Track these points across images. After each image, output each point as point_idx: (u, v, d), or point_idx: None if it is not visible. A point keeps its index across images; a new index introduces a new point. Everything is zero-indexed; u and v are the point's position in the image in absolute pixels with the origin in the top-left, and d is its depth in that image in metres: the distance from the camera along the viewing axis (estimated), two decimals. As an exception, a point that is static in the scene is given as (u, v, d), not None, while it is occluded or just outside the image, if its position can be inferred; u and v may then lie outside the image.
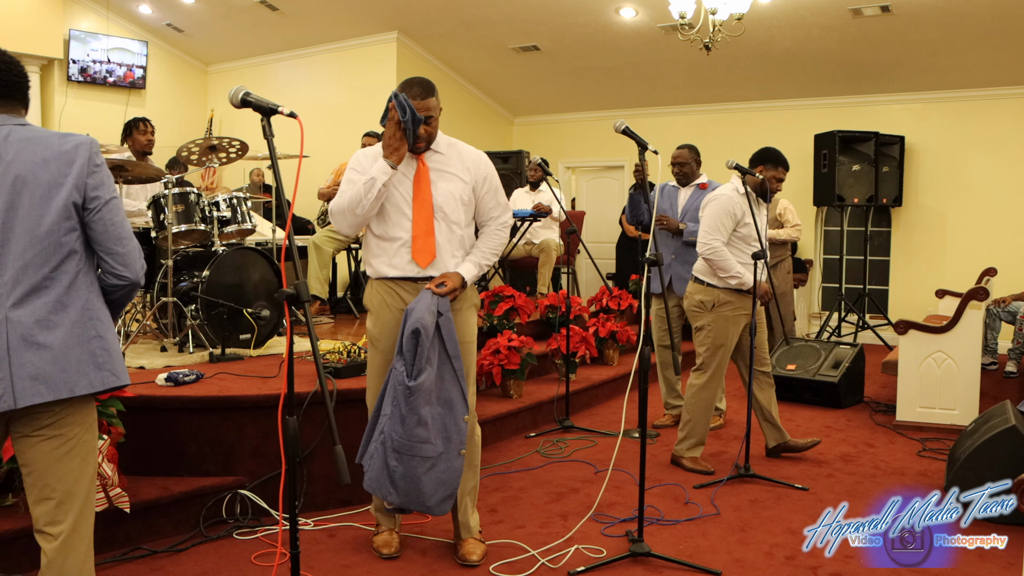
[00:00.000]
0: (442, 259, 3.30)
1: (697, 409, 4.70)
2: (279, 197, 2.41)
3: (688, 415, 4.72)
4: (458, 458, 3.21)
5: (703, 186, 5.47)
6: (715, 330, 4.61)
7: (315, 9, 9.73)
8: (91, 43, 10.61)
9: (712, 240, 4.53)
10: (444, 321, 3.18)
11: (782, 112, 10.32)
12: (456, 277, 3.27)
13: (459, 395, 3.21)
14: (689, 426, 4.72)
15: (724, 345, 4.62)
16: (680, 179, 5.55)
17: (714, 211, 4.58)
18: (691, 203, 5.48)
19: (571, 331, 5.99)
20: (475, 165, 3.36)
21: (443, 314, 3.18)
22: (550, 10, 8.92)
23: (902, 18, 7.93)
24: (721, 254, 4.51)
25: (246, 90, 2.45)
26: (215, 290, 4.84)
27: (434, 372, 3.15)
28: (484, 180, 3.36)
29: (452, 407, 3.20)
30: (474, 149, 3.43)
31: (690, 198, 5.51)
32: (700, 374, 4.70)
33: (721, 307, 4.59)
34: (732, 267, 4.51)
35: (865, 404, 6.45)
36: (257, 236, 6.74)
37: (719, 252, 4.51)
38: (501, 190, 3.44)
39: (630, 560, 3.40)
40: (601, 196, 11.98)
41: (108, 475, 3.22)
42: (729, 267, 4.51)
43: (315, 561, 3.37)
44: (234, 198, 5.24)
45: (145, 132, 5.72)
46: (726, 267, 4.51)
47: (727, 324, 4.60)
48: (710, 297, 4.62)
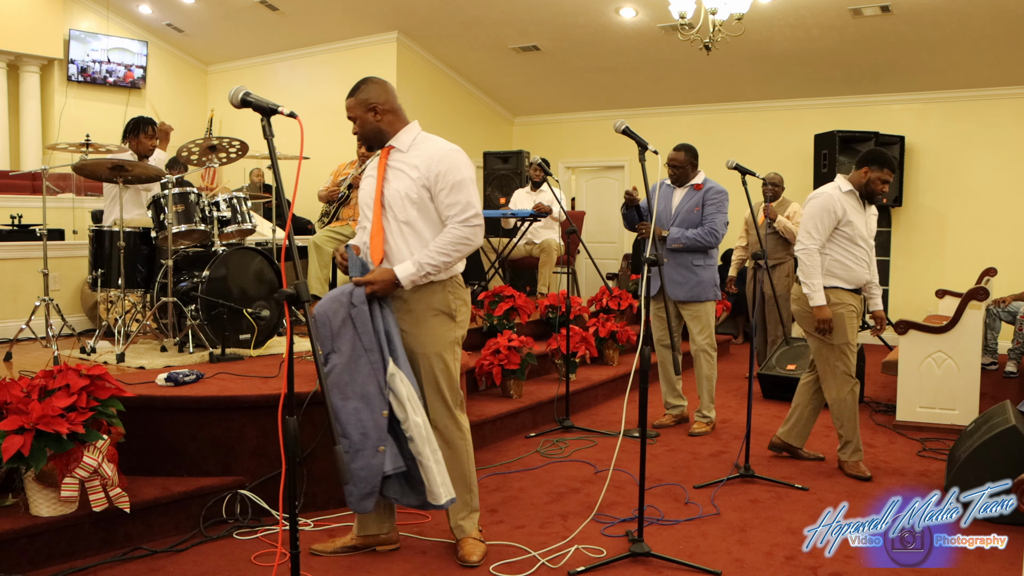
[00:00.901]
0: (394, 258, 3.22)
1: (847, 414, 4.63)
2: (279, 197, 2.41)
3: (837, 422, 4.68)
4: (376, 455, 3.06)
5: (697, 187, 5.41)
6: (837, 329, 4.50)
7: (315, 9, 9.73)
8: (91, 43, 10.61)
9: (808, 240, 4.44)
10: (357, 313, 3.09)
11: (782, 112, 10.33)
12: (384, 273, 3.14)
13: (376, 390, 3.08)
14: (845, 431, 4.67)
15: (842, 343, 4.51)
16: (674, 180, 5.48)
17: (812, 210, 4.49)
18: (684, 203, 5.42)
19: (571, 331, 5.99)
20: (427, 162, 3.20)
21: (356, 306, 3.10)
22: (550, 10, 8.92)
23: (902, 18, 7.93)
24: (812, 257, 4.41)
25: (246, 90, 2.45)
26: (215, 290, 4.84)
27: (343, 362, 3.09)
28: (437, 177, 3.18)
29: (369, 401, 3.08)
30: (442, 146, 3.27)
31: (684, 198, 5.45)
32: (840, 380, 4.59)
33: (837, 306, 4.49)
34: (814, 276, 4.41)
35: (865, 404, 6.44)
36: (257, 236, 6.74)
37: (811, 255, 4.42)
38: (463, 188, 3.20)
39: (630, 560, 3.40)
40: (601, 196, 11.98)
41: (108, 475, 3.22)
42: (812, 274, 4.41)
43: (315, 561, 3.37)
44: (234, 198, 5.24)
45: (152, 137, 5.68)
46: (810, 272, 4.42)
47: (844, 323, 4.49)
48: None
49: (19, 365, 4.63)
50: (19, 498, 3.29)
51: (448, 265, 3.18)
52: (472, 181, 3.24)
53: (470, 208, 3.18)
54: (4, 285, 5.82)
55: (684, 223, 5.37)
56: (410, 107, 11.20)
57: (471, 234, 3.18)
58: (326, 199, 6.84)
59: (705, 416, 5.58)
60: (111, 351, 4.78)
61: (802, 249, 4.46)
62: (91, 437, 3.21)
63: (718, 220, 5.34)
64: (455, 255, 3.17)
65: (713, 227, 5.31)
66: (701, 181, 5.44)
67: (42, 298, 4.91)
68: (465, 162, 3.25)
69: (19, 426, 3.09)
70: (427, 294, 3.24)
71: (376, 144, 3.33)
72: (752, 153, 9.92)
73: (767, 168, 8.01)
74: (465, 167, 3.23)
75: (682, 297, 5.41)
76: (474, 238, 3.19)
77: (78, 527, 3.30)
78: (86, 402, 3.27)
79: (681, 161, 5.41)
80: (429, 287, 3.24)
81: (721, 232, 5.35)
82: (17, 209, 7.48)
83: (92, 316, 6.20)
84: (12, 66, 10.60)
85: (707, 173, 5.56)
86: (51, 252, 5.14)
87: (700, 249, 5.35)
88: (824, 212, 4.45)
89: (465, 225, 3.17)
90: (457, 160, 3.22)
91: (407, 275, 3.14)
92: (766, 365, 6.70)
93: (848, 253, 4.49)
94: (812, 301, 4.42)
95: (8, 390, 3.22)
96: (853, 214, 4.47)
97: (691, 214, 5.37)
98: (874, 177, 4.51)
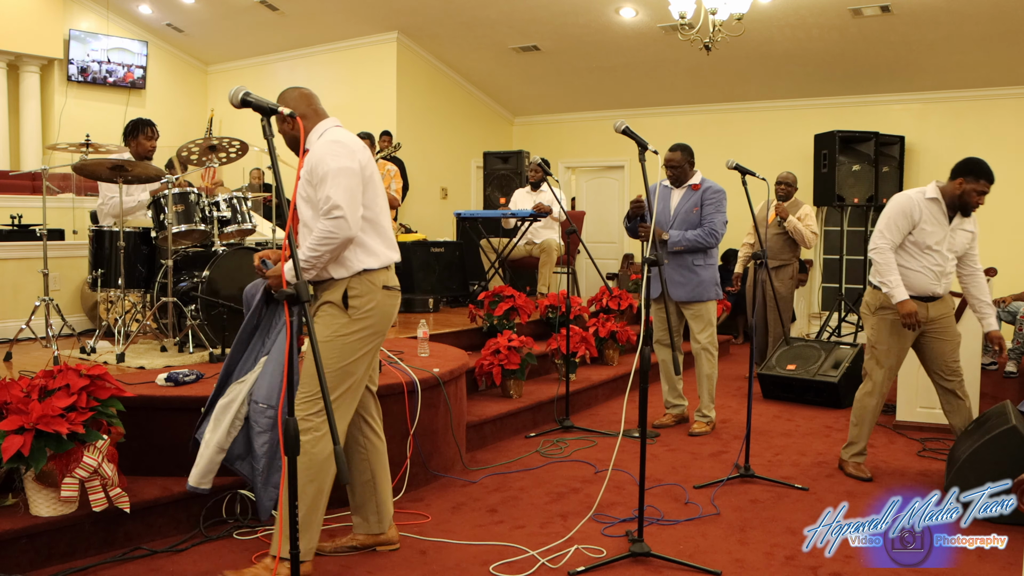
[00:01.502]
0: None
1: (859, 416, 4.63)
2: (279, 197, 2.41)
3: (853, 419, 4.67)
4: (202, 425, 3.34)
5: (695, 187, 5.39)
6: (875, 333, 4.51)
7: (315, 9, 9.73)
8: (91, 43, 10.61)
9: (880, 240, 4.36)
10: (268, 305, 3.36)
11: (782, 112, 10.34)
12: (277, 270, 3.13)
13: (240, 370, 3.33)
14: (853, 431, 4.67)
15: (881, 348, 4.48)
16: (673, 180, 5.46)
17: (890, 210, 4.39)
18: (683, 204, 5.41)
19: (571, 331, 5.98)
20: (310, 158, 3.13)
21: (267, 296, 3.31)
22: (550, 10, 8.92)
23: (902, 18, 7.94)
24: (884, 256, 4.34)
25: (246, 90, 2.45)
26: (215, 290, 4.84)
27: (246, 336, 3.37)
28: (312, 172, 3.10)
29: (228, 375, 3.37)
30: (328, 136, 3.20)
31: (682, 199, 5.42)
32: (864, 381, 4.62)
33: (882, 310, 4.46)
34: (889, 273, 4.32)
35: (865, 404, 6.45)
36: (257, 236, 6.73)
37: (885, 253, 4.34)
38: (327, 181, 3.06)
39: (630, 560, 3.40)
40: (601, 196, 11.99)
41: (108, 475, 3.22)
42: (886, 272, 4.33)
43: (315, 560, 3.37)
44: (234, 198, 5.24)
45: (151, 138, 5.69)
46: (883, 271, 4.34)
47: (887, 328, 4.46)
48: (874, 300, 4.50)
49: (19, 365, 4.63)
50: (19, 498, 3.29)
51: (319, 260, 3.08)
52: (343, 172, 3.09)
53: (329, 201, 3.05)
54: (4, 285, 5.82)
55: (683, 224, 5.36)
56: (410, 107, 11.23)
57: (333, 227, 3.04)
58: None
59: (705, 416, 5.58)
60: (111, 351, 4.78)
61: (874, 249, 4.38)
62: (91, 437, 3.21)
63: (717, 220, 5.32)
64: (323, 250, 3.06)
65: (713, 227, 5.30)
66: (699, 181, 5.42)
67: (42, 298, 4.91)
68: (335, 153, 3.12)
69: (19, 426, 3.09)
70: (327, 290, 3.21)
71: (296, 150, 3.24)
72: (752, 153, 9.92)
73: (767, 168, 7.97)
74: (333, 158, 3.10)
75: (683, 297, 5.40)
76: (337, 231, 3.04)
77: (78, 527, 3.30)
78: (86, 402, 3.27)
79: (678, 161, 5.39)
80: (331, 283, 3.20)
81: (721, 232, 5.34)
82: (17, 209, 7.48)
83: (92, 316, 6.19)
84: (12, 66, 10.60)
85: (707, 173, 5.55)
86: (51, 252, 5.14)
87: (701, 249, 5.35)
88: (900, 214, 4.34)
89: (327, 218, 3.05)
90: (326, 151, 3.12)
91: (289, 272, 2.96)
92: (766, 365, 6.70)
93: (914, 260, 4.38)
94: (893, 299, 4.31)
95: (8, 390, 3.22)
96: (931, 223, 4.34)
97: (690, 214, 5.36)
98: (969, 189, 4.38)
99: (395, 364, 4.52)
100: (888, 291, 4.33)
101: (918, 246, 4.36)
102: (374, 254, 3.24)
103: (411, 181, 10.04)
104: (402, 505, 4.04)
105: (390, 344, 5.20)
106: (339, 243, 3.07)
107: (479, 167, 10.94)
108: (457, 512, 3.99)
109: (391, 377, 4.25)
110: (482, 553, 3.49)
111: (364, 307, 3.20)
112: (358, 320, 3.19)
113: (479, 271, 8.39)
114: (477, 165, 11.28)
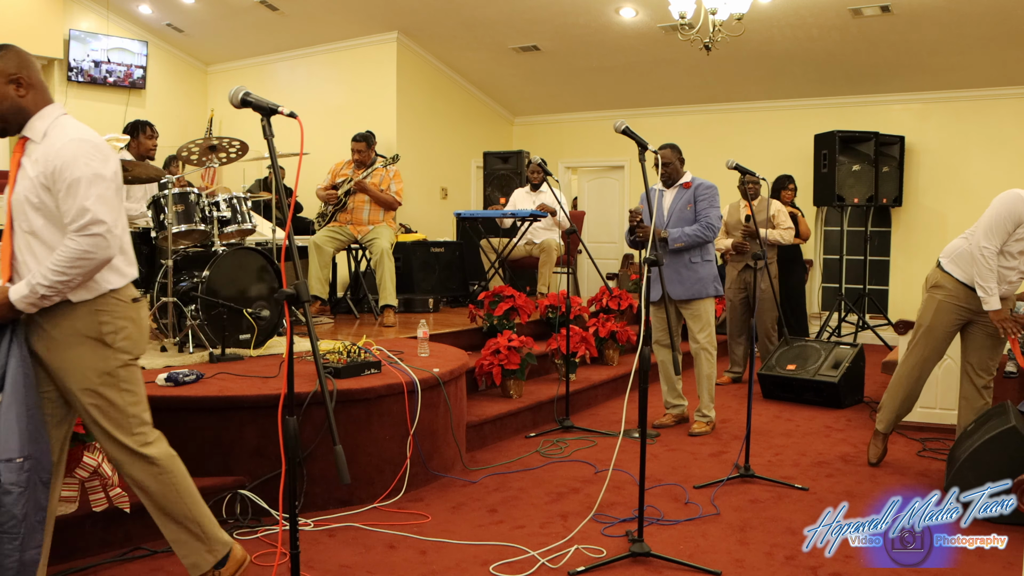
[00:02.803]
0: (21, 275, 2.63)
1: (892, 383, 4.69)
2: (279, 196, 2.41)
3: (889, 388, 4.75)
4: None
5: (687, 185, 5.41)
6: (922, 308, 4.55)
7: (315, 9, 9.73)
8: (91, 43, 10.60)
9: (989, 244, 4.19)
10: None
11: (782, 112, 10.33)
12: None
13: None
14: (883, 398, 4.77)
15: (924, 325, 4.51)
16: (665, 180, 5.46)
17: (998, 211, 4.20)
18: (676, 203, 5.43)
19: (571, 331, 5.98)
20: (46, 155, 2.57)
21: None
22: (550, 10, 8.92)
23: (902, 18, 7.93)
24: (992, 262, 4.19)
25: (246, 90, 2.44)
26: (215, 290, 4.84)
27: None
28: (53, 174, 2.55)
29: None
30: (69, 134, 2.62)
31: (675, 198, 5.44)
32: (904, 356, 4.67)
33: (935, 289, 4.48)
34: (990, 278, 4.19)
35: (865, 404, 6.45)
36: (257, 236, 6.74)
37: (991, 259, 4.19)
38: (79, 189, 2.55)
39: (630, 560, 3.40)
40: (602, 196, 11.99)
41: (108, 475, 3.22)
42: (988, 276, 4.19)
43: (315, 561, 3.37)
44: (234, 198, 5.24)
45: (152, 137, 5.76)
46: (986, 275, 4.19)
47: (934, 306, 4.47)
48: (933, 277, 4.54)
49: (19, 365, 4.63)
50: (19, 498, 3.29)
51: (67, 285, 2.56)
52: (99, 179, 2.60)
53: (85, 214, 2.53)
54: (4, 285, 5.81)
55: (679, 222, 5.38)
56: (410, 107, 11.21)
57: (91, 246, 2.54)
58: (322, 199, 6.86)
59: (705, 415, 5.57)
60: (111, 351, 4.77)
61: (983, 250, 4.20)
62: (91, 437, 3.21)
63: (712, 214, 5.35)
64: (73, 272, 2.54)
65: (709, 221, 5.33)
66: (689, 179, 5.44)
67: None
68: (88, 154, 2.59)
69: (19, 426, 3.09)
70: (67, 318, 2.65)
71: (13, 128, 2.68)
72: (752, 153, 9.91)
73: (767, 168, 8.01)
74: (85, 161, 2.57)
75: (682, 295, 5.40)
76: (96, 251, 2.55)
77: (78, 527, 3.30)
78: (86, 402, 3.26)
79: (669, 158, 5.38)
80: (70, 309, 2.65)
81: (717, 225, 5.38)
82: (17, 209, 7.46)
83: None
84: (12, 66, 10.58)
85: (706, 173, 5.56)
86: (51, 252, 5.13)
87: (698, 244, 5.36)
88: (1009, 217, 4.18)
89: (82, 235, 2.53)
90: (76, 152, 2.58)
91: (20, 298, 2.54)
92: (766, 365, 6.70)
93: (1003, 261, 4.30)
94: (988, 306, 4.22)
95: (8, 390, 3.22)
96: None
97: (684, 212, 5.38)
98: None
99: (395, 364, 4.52)
100: (984, 296, 4.24)
101: (1010, 251, 4.26)
102: (120, 272, 2.75)
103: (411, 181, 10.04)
104: (402, 505, 4.05)
105: (390, 344, 5.21)
106: (95, 265, 2.58)
107: (479, 167, 10.93)
108: (457, 512, 3.99)
109: (391, 377, 4.26)
110: (482, 553, 3.49)
111: (124, 336, 2.74)
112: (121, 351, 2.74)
113: (479, 271, 8.39)
114: (477, 165, 11.27)
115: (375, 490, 4.10)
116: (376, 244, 6.53)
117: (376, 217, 6.72)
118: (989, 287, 4.21)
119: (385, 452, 4.14)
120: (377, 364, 4.39)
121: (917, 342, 4.60)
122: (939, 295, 4.48)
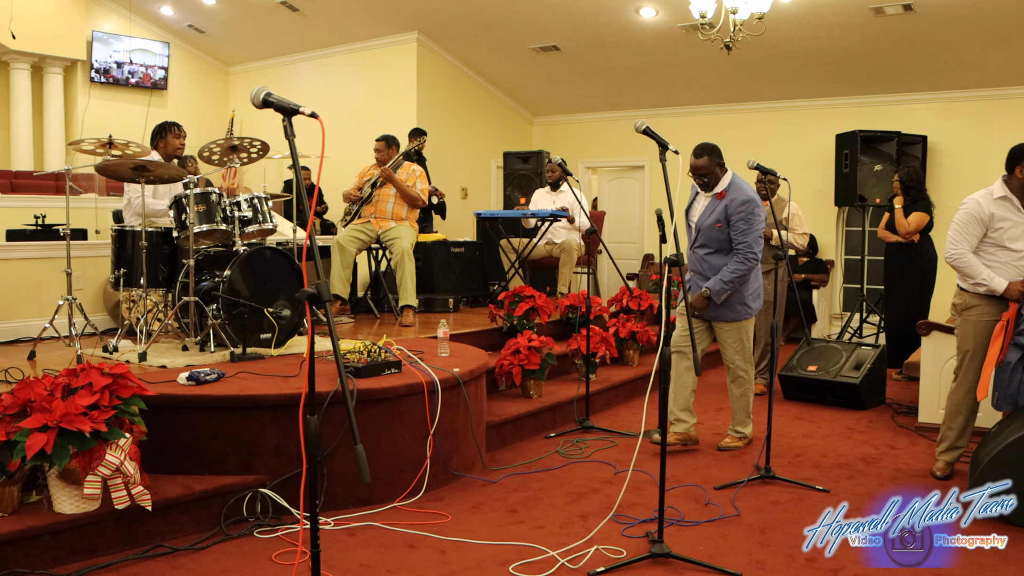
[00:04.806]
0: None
1: (947, 412, 4.63)
2: (299, 196, 2.42)
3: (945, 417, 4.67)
4: None
5: (720, 195, 4.82)
6: (960, 334, 4.51)
7: (335, 10, 9.77)
8: (113, 44, 10.70)
9: (953, 249, 4.36)
10: None
11: (803, 112, 10.28)
12: None
13: None
14: (941, 429, 4.68)
15: (969, 351, 4.47)
16: (704, 188, 4.92)
17: (960, 218, 4.38)
18: (705, 216, 4.90)
19: (591, 331, 5.97)
20: None
21: None
22: (570, 10, 8.92)
23: (924, 17, 7.87)
24: (964, 260, 4.33)
25: (268, 90, 2.45)
26: (236, 290, 4.87)
27: None
28: None
29: None
30: None
31: (705, 210, 4.92)
32: (953, 381, 4.61)
33: (967, 311, 4.45)
34: (978, 273, 4.31)
35: (887, 405, 6.40)
36: (278, 236, 6.77)
37: (961, 259, 4.34)
38: None
39: (650, 561, 3.39)
40: (622, 196, 11.96)
41: (130, 473, 3.25)
42: (975, 273, 4.32)
43: (335, 560, 3.38)
44: (255, 198, 5.27)
45: (179, 136, 5.81)
46: (972, 273, 4.33)
47: (971, 329, 4.44)
48: (960, 300, 4.50)
49: (43, 363, 4.68)
50: (43, 495, 3.32)
51: None
52: None
53: None
54: (28, 284, 5.87)
55: (708, 241, 4.89)
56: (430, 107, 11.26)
57: None
58: (350, 199, 6.89)
59: (739, 432, 5.19)
60: (133, 350, 4.82)
61: (949, 258, 4.38)
62: (113, 435, 3.24)
63: (750, 238, 4.75)
64: None
65: (748, 249, 4.76)
66: (725, 187, 4.82)
67: (65, 297, 4.95)
68: None
69: (43, 424, 3.12)
70: None
71: None
72: (773, 153, 9.87)
73: (788, 168, 7.96)
74: None
75: (716, 317, 4.99)
76: None
77: (100, 524, 3.33)
78: (108, 400, 3.29)
79: (705, 168, 4.80)
80: None
81: (757, 249, 4.79)
82: (41, 209, 7.56)
83: (114, 315, 6.25)
84: (36, 68, 10.71)
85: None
86: (74, 252, 5.19)
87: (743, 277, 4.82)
88: (971, 221, 4.34)
89: None
90: None
91: None
92: (787, 366, 6.65)
93: (993, 259, 4.36)
94: (995, 291, 4.28)
95: (32, 388, 3.25)
96: (1005, 220, 4.29)
97: (712, 231, 4.85)
98: None
99: (415, 364, 4.53)
100: (986, 288, 4.31)
101: (999, 244, 4.34)
102: None
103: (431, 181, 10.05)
104: (422, 504, 4.05)
105: (410, 344, 5.22)
106: None
107: (499, 167, 10.94)
108: (477, 512, 3.99)
109: (411, 377, 4.26)
110: (501, 553, 3.49)
111: None
112: None
113: (499, 271, 8.39)
114: (497, 165, 11.28)
115: (395, 489, 4.10)
116: (397, 244, 6.55)
117: (400, 212, 6.74)
118: (982, 278, 4.31)
119: (405, 452, 4.15)
120: (397, 364, 4.40)
121: (965, 369, 4.51)
122: (973, 316, 4.43)
